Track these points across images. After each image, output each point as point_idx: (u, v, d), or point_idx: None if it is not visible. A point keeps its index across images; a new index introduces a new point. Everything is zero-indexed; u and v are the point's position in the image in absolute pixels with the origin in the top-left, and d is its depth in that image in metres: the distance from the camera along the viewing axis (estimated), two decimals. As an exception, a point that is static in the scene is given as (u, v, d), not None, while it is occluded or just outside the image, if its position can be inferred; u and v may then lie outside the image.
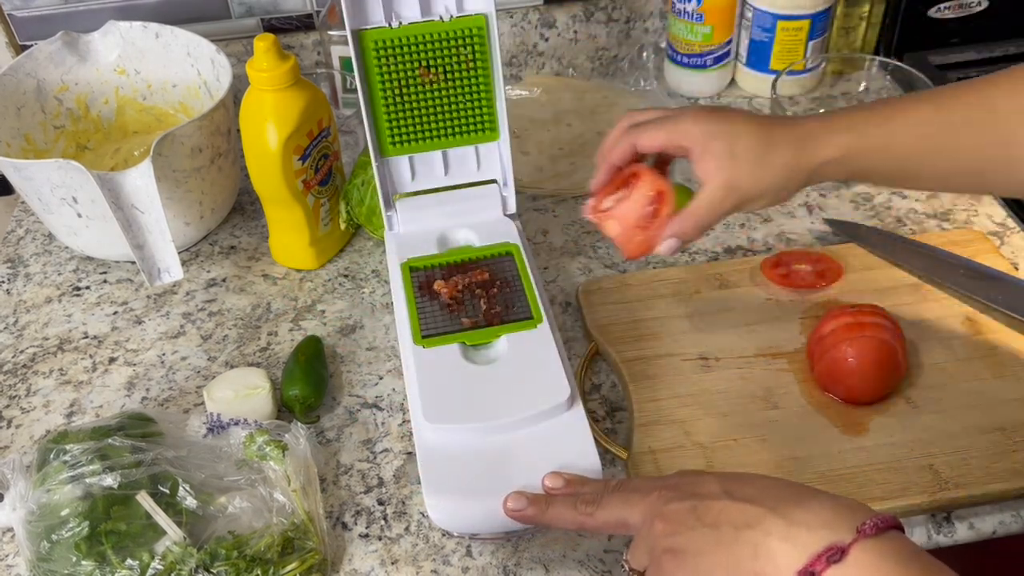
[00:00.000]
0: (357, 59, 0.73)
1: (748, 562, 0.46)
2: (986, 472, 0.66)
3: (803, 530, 0.45)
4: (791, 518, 0.46)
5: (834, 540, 0.44)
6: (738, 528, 0.47)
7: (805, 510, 0.46)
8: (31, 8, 1.01)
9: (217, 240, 0.94)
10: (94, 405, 0.78)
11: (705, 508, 0.49)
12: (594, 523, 0.55)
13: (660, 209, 0.66)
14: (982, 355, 0.75)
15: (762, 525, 0.47)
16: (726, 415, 0.71)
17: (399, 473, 0.71)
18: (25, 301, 0.89)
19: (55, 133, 0.96)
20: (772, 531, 0.46)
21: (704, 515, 0.49)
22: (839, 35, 1.11)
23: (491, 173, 0.81)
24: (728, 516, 0.48)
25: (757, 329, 0.78)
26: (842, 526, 0.45)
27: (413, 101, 0.75)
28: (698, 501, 0.50)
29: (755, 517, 0.47)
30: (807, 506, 0.47)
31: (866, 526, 0.44)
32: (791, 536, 0.45)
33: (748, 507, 0.48)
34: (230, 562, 0.61)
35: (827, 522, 0.45)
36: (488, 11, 0.74)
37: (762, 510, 0.47)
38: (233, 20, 1.06)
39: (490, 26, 0.74)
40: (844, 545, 0.44)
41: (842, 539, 0.44)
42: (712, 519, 0.49)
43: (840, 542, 0.44)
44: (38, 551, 0.61)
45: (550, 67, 1.14)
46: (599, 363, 0.79)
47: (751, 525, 0.47)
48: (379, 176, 0.78)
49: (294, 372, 0.75)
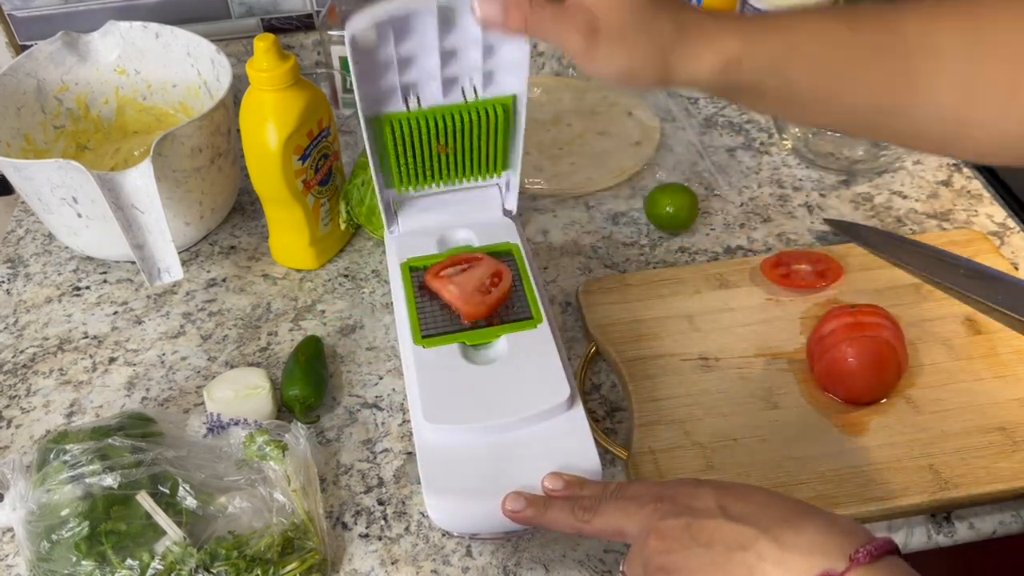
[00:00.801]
0: (370, 140, 0.70)
1: None
2: (986, 472, 0.66)
3: (796, 555, 0.45)
4: (784, 542, 0.46)
5: (827, 567, 0.44)
6: (731, 550, 0.47)
7: (799, 533, 0.46)
8: (31, 8, 1.01)
9: (217, 240, 0.94)
10: (94, 405, 0.78)
11: (699, 527, 0.49)
12: (591, 530, 0.55)
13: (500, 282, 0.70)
14: (982, 355, 0.75)
15: (755, 548, 0.47)
16: (726, 415, 0.71)
17: (399, 473, 0.71)
18: (25, 301, 0.89)
19: (55, 133, 0.96)
20: (765, 555, 0.46)
21: (698, 534, 0.49)
22: (839, 35, 1.11)
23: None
24: (722, 536, 0.48)
25: (757, 329, 0.78)
26: (836, 552, 0.45)
27: (426, 163, 0.74)
28: (692, 518, 0.50)
29: (748, 539, 0.47)
30: (801, 529, 0.47)
31: (859, 554, 0.44)
32: (784, 561, 0.45)
33: (742, 528, 0.48)
34: (230, 562, 0.61)
35: (821, 547, 0.45)
36: (519, 91, 0.69)
37: (755, 531, 0.47)
38: (233, 20, 1.06)
39: (519, 104, 0.70)
40: (837, 573, 0.44)
41: (835, 567, 0.44)
42: (706, 538, 0.49)
43: (833, 570, 0.44)
44: (38, 551, 0.61)
45: (550, 67, 1.14)
46: (599, 363, 0.79)
47: (744, 547, 0.47)
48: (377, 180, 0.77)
49: (294, 372, 0.75)
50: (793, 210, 0.93)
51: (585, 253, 0.90)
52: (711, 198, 0.95)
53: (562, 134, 1.03)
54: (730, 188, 0.96)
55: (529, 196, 0.96)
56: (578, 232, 0.92)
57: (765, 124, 1.05)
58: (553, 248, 0.90)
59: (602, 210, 0.94)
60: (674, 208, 0.88)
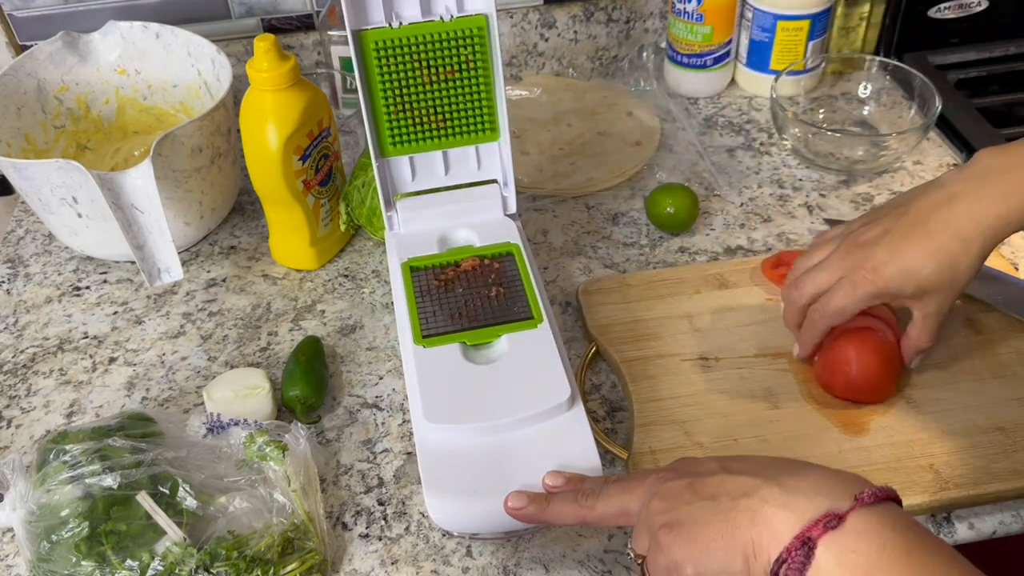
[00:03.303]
0: (357, 59, 0.73)
1: (745, 529, 0.46)
2: (986, 472, 0.66)
3: (801, 497, 0.45)
4: (788, 486, 0.46)
5: (832, 507, 0.44)
6: (735, 498, 0.47)
7: (802, 479, 0.47)
8: (31, 8, 1.01)
9: (217, 240, 0.94)
10: (94, 405, 0.78)
11: (702, 483, 0.49)
12: (595, 515, 0.55)
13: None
14: (982, 355, 0.75)
15: (759, 493, 0.47)
16: (726, 415, 0.71)
17: (399, 473, 0.71)
18: (25, 301, 0.89)
19: (55, 133, 0.96)
20: (769, 499, 0.46)
21: (701, 489, 0.49)
22: (839, 35, 1.11)
23: (491, 173, 0.80)
24: (725, 487, 0.48)
25: (757, 329, 0.78)
26: (840, 494, 0.45)
27: (413, 101, 0.75)
28: (694, 478, 0.50)
29: (752, 487, 0.47)
30: (805, 476, 0.47)
31: (864, 495, 0.44)
32: (789, 503, 0.45)
33: (745, 478, 0.48)
34: (230, 562, 0.61)
35: (825, 490, 0.45)
36: (488, 11, 0.74)
37: (759, 480, 0.47)
38: (233, 20, 1.06)
39: (491, 26, 0.74)
40: (842, 512, 0.44)
41: (839, 506, 0.44)
42: (710, 492, 0.49)
43: (837, 509, 0.44)
44: (38, 551, 0.61)
45: (550, 67, 1.14)
46: (599, 363, 0.79)
47: (748, 494, 0.47)
48: (379, 176, 0.78)
49: (294, 372, 0.75)
50: (793, 210, 0.93)
51: (585, 253, 0.90)
52: (711, 198, 0.95)
53: (562, 134, 1.03)
54: (730, 188, 0.96)
55: (529, 196, 0.96)
56: (578, 232, 0.92)
57: (765, 124, 1.05)
58: (553, 248, 0.90)
59: (602, 210, 0.94)
60: (674, 208, 0.88)
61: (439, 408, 0.64)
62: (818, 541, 0.44)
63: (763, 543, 0.45)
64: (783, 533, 0.45)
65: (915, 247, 0.64)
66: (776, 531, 0.45)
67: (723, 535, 0.47)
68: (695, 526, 0.48)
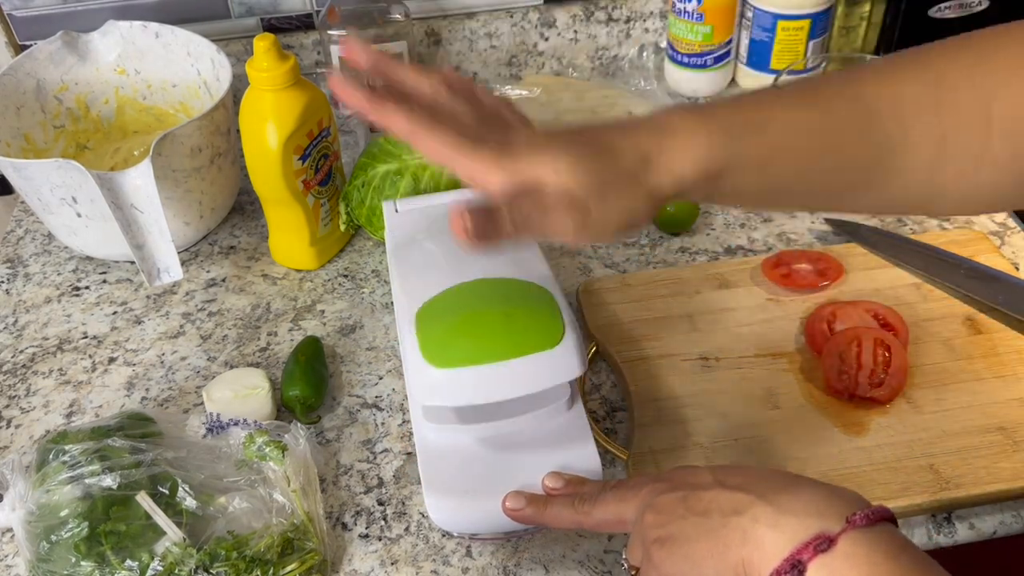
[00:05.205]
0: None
1: (736, 548, 0.46)
2: (986, 472, 0.66)
3: (792, 518, 0.45)
4: (780, 505, 0.46)
5: (823, 529, 0.44)
6: (726, 515, 0.47)
7: (795, 498, 0.46)
8: (31, 8, 1.01)
9: (217, 240, 0.94)
10: (94, 405, 0.78)
11: (696, 498, 0.49)
12: (592, 521, 0.55)
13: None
14: (982, 355, 0.75)
15: (751, 512, 0.46)
16: (726, 415, 0.71)
17: (399, 473, 0.71)
18: (25, 301, 0.89)
19: (55, 133, 0.95)
20: (760, 518, 0.46)
21: (694, 504, 0.49)
22: (839, 35, 1.11)
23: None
24: (717, 504, 0.48)
25: (757, 329, 0.78)
26: (833, 515, 0.45)
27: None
28: (689, 492, 0.50)
29: (744, 504, 0.47)
30: (798, 494, 0.47)
31: (856, 517, 0.44)
32: (779, 524, 0.45)
33: (738, 495, 0.48)
34: (230, 563, 0.61)
35: (817, 511, 0.45)
36: None
37: (751, 497, 0.47)
38: (233, 20, 1.06)
39: None
40: (833, 535, 0.44)
41: (831, 528, 0.44)
42: (702, 508, 0.49)
43: (829, 531, 0.44)
44: (38, 551, 0.61)
45: (550, 67, 1.14)
46: (599, 363, 0.79)
47: (739, 512, 0.47)
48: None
49: (294, 372, 0.75)
50: (793, 210, 0.93)
51: (585, 253, 0.90)
52: (711, 198, 0.95)
53: (562, 134, 1.03)
54: (730, 188, 0.96)
55: (529, 196, 0.96)
56: (578, 232, 0.92)
57: (765, 124, 1.05)
58: (553, 248, 0.90)
59: (602, 210, 0.94)
60: (674, 208, 0.88)
61: (439, 408, 0.63)
62: (808, 564, 0.43)
63: (754, 563, 0.45)
64: (773, 555, 0.45)
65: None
66: (767, 552, 0.45)
67: (714, 554, 0.47)
68: (687, 542, 0.48)
